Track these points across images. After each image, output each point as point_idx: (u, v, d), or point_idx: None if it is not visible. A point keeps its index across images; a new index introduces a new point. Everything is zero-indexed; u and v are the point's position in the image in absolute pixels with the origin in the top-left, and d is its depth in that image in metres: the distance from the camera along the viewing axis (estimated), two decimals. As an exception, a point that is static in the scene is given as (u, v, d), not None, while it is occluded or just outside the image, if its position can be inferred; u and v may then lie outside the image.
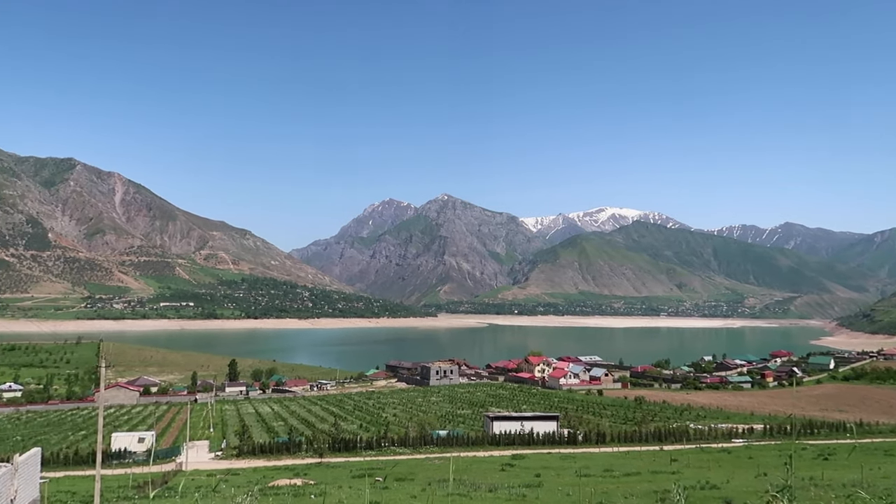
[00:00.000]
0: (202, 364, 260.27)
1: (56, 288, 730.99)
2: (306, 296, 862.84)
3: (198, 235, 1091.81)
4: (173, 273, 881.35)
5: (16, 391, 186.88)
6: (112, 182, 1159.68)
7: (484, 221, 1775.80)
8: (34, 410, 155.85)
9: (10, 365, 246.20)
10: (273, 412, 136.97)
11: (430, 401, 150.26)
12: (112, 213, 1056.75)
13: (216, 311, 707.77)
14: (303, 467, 68.74)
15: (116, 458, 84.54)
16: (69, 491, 54.29)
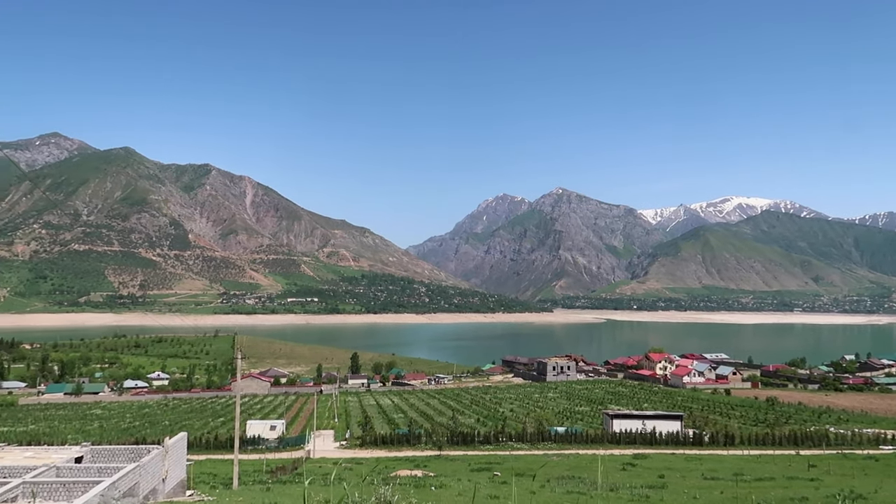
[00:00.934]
0: (326, 357, 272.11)
1: (196, 285, 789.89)
2: (423, 291, 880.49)
3: (321, 234, 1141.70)
4: (299, 270, 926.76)
5: (163, 379, 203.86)
6: (243, 185, 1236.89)
7: (600, 214, 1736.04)
8: (179, 398, 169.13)
9: (158, 356, 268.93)
10: (393, 404, 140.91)
11: (546, 397, 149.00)
12: (243, 215, 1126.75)
13: (338, 306, 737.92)
14: (422, 459, 70.31)
15: (251, 444, 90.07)
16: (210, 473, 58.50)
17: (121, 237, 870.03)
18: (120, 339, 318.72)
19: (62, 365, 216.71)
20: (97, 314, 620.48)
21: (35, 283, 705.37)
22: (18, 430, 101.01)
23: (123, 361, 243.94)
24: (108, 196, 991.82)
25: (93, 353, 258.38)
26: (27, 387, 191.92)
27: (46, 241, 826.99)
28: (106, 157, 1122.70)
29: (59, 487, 25.97)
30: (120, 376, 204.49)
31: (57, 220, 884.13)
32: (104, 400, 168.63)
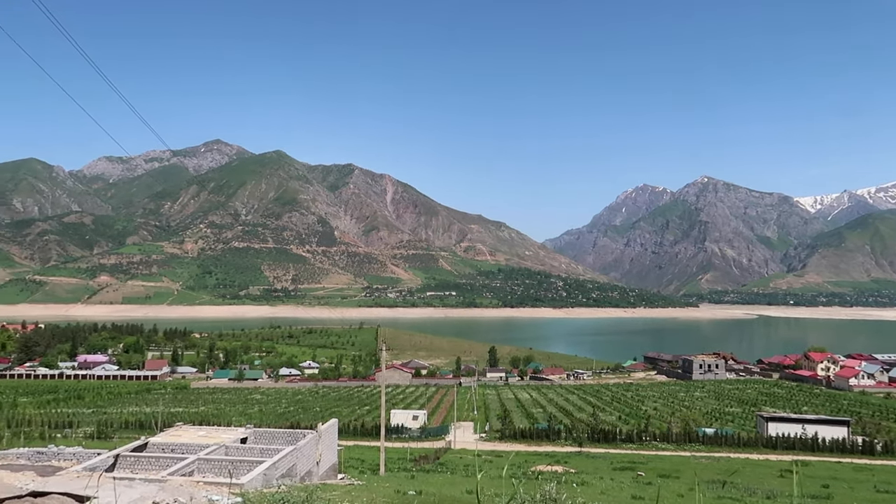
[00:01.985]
0: (464, 350, 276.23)
1: (342, 279, 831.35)
2: (560, 285, 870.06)
3: (458, 229, 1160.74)
4: (437, 265, 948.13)
5: (314, 368, 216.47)
6: (384, 183, 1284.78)
7: (751, 203, 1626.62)
8: (328, 386, 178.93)
9: (309, 346, 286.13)
10: (531, 399, 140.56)
11: (693, 396, 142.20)
12: (384, 212, 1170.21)
13: (475, 300, 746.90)
14: (562, 455, 69.64)
15: (395, 433, 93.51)
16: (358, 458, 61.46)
17: (274, 235, 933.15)
18: (275, 329, 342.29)
19: (226, 353, 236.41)
20: (255, 306, 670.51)
21: (202, 277, 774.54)
22: (191, 411, 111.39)
23: (279, 350, 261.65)
24: (263, 197, 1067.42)
25: (252, 343, 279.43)
26: (197, 372, 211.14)
27: (211, 239, 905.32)
28: (261, 160, 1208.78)
29: (227, 465, 28.41)
30: (276, 364, 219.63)
31: (220, 220, 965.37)
32: (262, 386, 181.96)
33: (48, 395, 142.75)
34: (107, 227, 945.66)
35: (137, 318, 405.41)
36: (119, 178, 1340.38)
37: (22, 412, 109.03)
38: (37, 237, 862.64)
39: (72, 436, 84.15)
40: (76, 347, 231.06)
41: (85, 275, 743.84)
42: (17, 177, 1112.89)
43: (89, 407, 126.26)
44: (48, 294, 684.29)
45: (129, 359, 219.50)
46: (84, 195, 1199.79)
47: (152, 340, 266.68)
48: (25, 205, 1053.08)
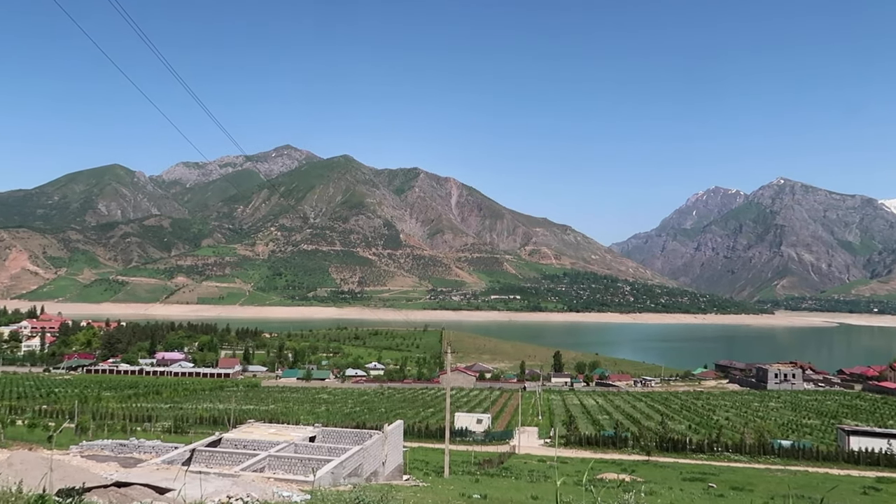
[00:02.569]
0: (529, 354, 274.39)
1: (406, 282, 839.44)
2: (627, 290, 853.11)
3: (522, 232, 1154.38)
4: (501, 268, 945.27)
5: (379, 370, 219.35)
6: (448, 186, 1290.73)
7: (831, 206, 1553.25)
8: (393, 387, 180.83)
9: (374, 347, 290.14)
10: (597, 405, 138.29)
11: (767, 406, 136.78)
12: (449, 215, 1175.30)
13: (540, 304, 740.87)
14: (629, 463, 68.24)
15: (458, 436, 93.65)
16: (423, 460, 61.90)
17: (342, 238, 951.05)
18: (342, 330, 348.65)
19: (295, 353, 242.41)
20: (322, 308, 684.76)
21: (273, 279, 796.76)
22: (262, 409, 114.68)
23: (345, 351, 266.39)
24: (331, 200, 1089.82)
25: (319, 343, 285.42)
26: (267, 371, 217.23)
27: (281, 241, 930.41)
28: (328, 164, 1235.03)
29: (296, 462, 29.15)
30: (342, 365, 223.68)
31: (289, 223, 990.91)
32: (329, 386, 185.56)
33: (129, 390, 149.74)
34: (183, 230, 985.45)
35: (211, 317, 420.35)
36: (195, 183, 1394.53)
37: (105, 406, 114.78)
38: (119, 239, 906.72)
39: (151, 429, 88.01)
40: (155, 345, 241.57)
41: (163, 275, 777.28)
42: (102, 182, 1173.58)
43: (166, 402, 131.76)
44: (129, 294, 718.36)
45: (203, 357, 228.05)
46: (163, 199, 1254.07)
47: (225, 340, 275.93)
48: (109, 209, 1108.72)
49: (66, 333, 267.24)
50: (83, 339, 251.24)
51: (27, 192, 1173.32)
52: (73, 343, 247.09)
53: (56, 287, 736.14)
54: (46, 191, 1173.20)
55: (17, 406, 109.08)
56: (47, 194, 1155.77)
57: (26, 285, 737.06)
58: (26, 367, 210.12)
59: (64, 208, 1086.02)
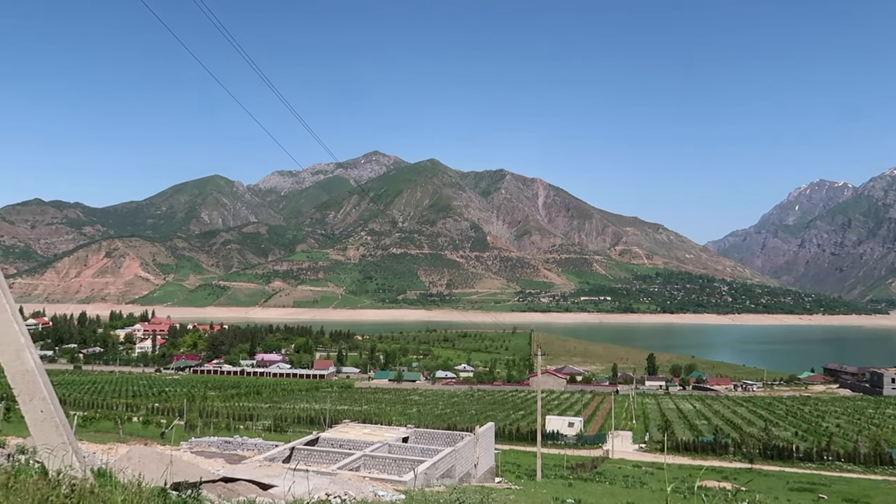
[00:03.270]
0: (621, 356, 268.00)
1: (494, 284, 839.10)
2: (724, 290, 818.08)
3: (612, 232, 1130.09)
4: (591, 269, 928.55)
5: (469, 371, 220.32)
6: (535, 187, 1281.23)
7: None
8: (482, 389, 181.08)
9: (463, 349, 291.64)
10: (695, 409, 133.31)
11: (884, 413, 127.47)
12: (536, 216, 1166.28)
13: (632, 305, 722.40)
14: (731, 471, 65.37)
15: (550, 439, 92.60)
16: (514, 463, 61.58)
17: (429, 241, 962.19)
18: (431, 333, 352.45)
19: (386, 355, 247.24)
20: (412, 310, 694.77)
21: (364, 282, 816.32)
22: (355, 409, 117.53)
23: (435, 353, 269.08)
24: (419, 204, 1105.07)
25: (409, 345, 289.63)
26: (360, 372, 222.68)
27: (371, 246, 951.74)
28: (416, 169, 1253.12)
29: (390, 462, 29.69)
30: (432, 367, 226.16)
31: (379, 228, 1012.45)
32: (420, 387, 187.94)
33: (232, 389, 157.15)
34: (279, 236, 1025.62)
35: (306, 320, 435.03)
36: (289, 191, 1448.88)
37: (211, 405, 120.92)
38: (221, 246, 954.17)
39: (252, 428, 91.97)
40: (254, 347, 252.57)
41: (261, 280, 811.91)
42: (205, 192, 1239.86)
43: (266, 402, 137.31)
44: (231, 298, 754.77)
45: (299, 358, 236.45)
46: (260, 207, 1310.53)
47: (319, 342, 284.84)
48: (211, 217, 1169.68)
49: (175, 336, 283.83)
50: (189, 341, 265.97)
51: (139, 204, 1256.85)
52: (181, 345, 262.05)
53: (165, 292, 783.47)
54: (155, 202, 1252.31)
55: (133, 404, 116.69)
56: (156, 205, 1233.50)
57: (139, 291, 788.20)
58: (140, 368, 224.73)
59: (171, 218, 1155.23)
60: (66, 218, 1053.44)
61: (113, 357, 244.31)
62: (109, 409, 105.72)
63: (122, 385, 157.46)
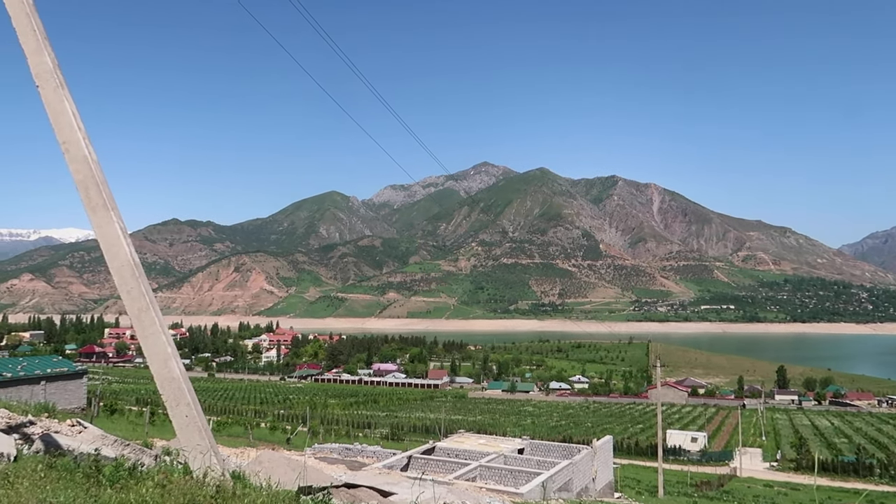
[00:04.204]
0: (746, 369, 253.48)
1: (608, 293, 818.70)
2: (864, 297, 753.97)
3: (734, 237, 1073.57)
4: (711, 276, 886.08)
5: (583, 383, 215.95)
6: (649, 193, 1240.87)
7: None
8: (598, 401, 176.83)
9: (577, 360, 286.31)
10: (833, 426, 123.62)
11: None
12: (651, 222, 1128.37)
13: (758, 314, 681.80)
14: (877, 495, 60.01)
15: (671, 454, 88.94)
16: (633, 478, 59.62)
17: (540, 250, 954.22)
18: (544, 343, 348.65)
19: (499, 365, 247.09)
20: (524, 320, 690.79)
21: (475, 293, 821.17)
22: (470, 420, 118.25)
23: (548, 364, 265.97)
24: (529, 213, 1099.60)
25: (522, 356, 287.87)
26: (473, 382, 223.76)
27: (482, 256, 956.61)
28: (525, 178, 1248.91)
29: (506, 474, 29.60)
30: (546, 377, 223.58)
31: (489, 238, 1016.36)
32: (533, 398, 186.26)
33: (350, 398, 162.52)
34: (393, 249, 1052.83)
35: (419, 330, 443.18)
36: (402, 204, 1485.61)
37: (331, 412, 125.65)
38: (338, 259, 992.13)
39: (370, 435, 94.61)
40: (371, 357, 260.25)
41: (376, 292, 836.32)
42: (323, 208, 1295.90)
43: (383, 410, 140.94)
44: (348, 309, 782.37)
45: (413, 368, 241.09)
46: (374, 221, 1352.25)
47: (433, 352, 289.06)
48: (329, 232, 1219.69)
49: (297, 346, 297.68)
50: (311, 350, 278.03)
51: (263, 221, 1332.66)
52: (303, 354, 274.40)
53: (287, 304, 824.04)
54: (277, 218, 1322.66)
55: (261, 410, 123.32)
56: (278, 221, 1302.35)
57: (264, 303, 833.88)
58: (266, 376, 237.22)
59: (292, 233, 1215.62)
60: (200, 236, 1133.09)
61: (242, 365, 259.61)
62: (239, 414, 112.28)
63: (250, 392, 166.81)
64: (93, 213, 9.70)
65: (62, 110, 9.79)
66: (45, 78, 9.85)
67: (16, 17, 9.94)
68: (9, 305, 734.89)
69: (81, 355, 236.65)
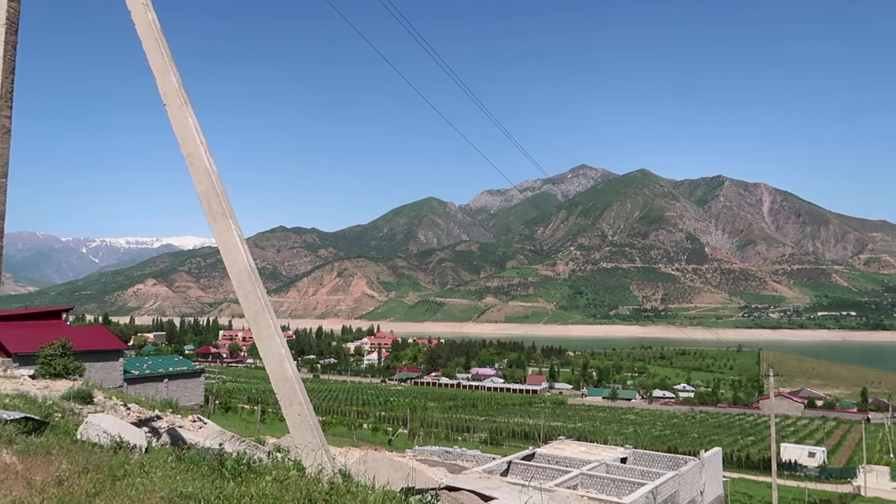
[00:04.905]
0: (871, 380, 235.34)
1: (714, 298, 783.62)
2: None
3: (854, 238, 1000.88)
4: (829, 280, 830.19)
5: (689, 392, 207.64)
6: (759, 193, 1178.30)
7: None
8: (705, 411, 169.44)
9: (682, 367, 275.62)
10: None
11: None
12: (761, 224, 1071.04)
13: (883, 321, 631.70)
14: None
15: (786, 469, 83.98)
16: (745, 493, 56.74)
17: (641, 254, 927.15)
18: (646, 349, 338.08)
19: (599, 371, 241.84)
20: (624, 326, 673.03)
21: (574, 298, 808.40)
22: (569, 426, 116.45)
23: (650, 371, 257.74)
24: (629, 216, 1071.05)
25: (623, 363, 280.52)
26: (572, 389, 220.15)
27: (581, 260, 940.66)
28: (625, 180, 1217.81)
29: (608, 483, 28.93)
30: (648, 385, 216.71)
31: (588, 242, 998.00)
32: (635, 406, 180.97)
33: (449, 401, 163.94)
34: (490, 254, 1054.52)
35: (517, 335, 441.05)
36: (498, 209, 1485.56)
37: (430, 415, 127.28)
38: (436, 264, 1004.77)
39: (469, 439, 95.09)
40: (469, 361, 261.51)
41: (473, 296, 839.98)
42: (421, 214, 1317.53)
43: (481, 415, 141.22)
44: (446, 313, 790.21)
45: (512, 373, 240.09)
46: (471, 226, 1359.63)
47: (531, 357, 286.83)
48: (427, 237, 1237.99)
49: (397, 349, 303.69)
50: (410, 354, 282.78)
51: (363, 227, 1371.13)
52: (402, 358, 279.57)
53: (387, 308, 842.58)
54: (377, 225, 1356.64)
55: (363, 411, 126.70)
56: (378, 228, 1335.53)
57: (365, 307, 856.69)
58: (367, 378, 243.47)
59: (391, 239, 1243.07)
60: (305, 242, 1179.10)
61: (345, 367, 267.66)
62: (343, 415, 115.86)
63: (353, 394, 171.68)
64: (213, 222, 10.35)
65: (186, 126, 10.51)
66: (171, 97, 10.61)
67: (146, 41, 10.78)
68: (136, 308, 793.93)
69: (198, 355, 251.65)
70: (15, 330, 50.36)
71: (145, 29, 10.75)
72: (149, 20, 10.71)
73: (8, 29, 9.90)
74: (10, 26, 9.95)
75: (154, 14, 10.79)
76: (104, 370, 54.73)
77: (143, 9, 10.77)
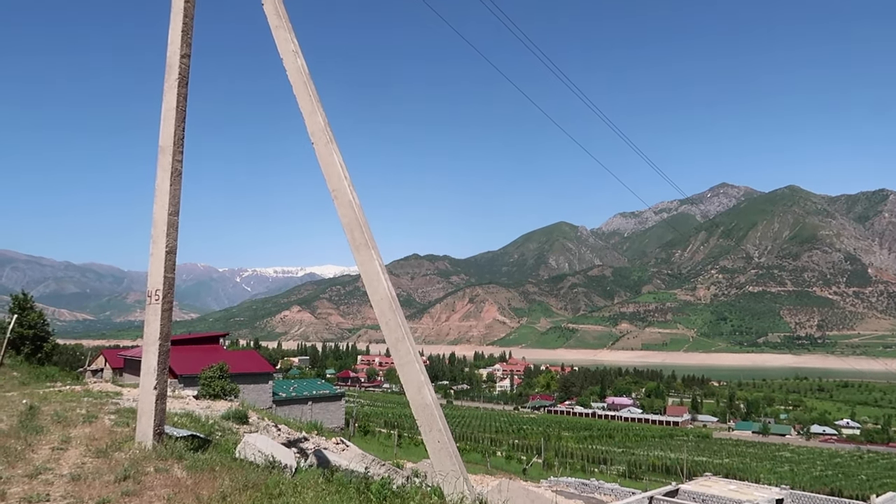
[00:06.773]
0: None
1: (881, 324, 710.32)
2: None
3: None
4: None
5: (853, 428, 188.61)
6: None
7: None
8: (874, 450, 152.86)
9: (844, 401, 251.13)
10: None
11: None
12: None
13: None
14: None
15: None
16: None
17: (792, 276, 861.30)
18: (801, 381, 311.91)
19: (747, 403, 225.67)
20: (775, 354, 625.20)
21: (716, 324, 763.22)
22: (715, 462, 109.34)
23: (807, 405, 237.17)
24: (777, 236, 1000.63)
25: (775, 394, 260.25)
26: (717, 421, 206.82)
27: (723, 284, 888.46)
28: (770, 198, 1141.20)
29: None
30: (805, 420, 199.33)
31: (731, 265, 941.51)
32: (790, 443, 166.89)
33: (584, 431, 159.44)
34: (624, 278, 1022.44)
35: (655, 363, 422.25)
36: (632, 232, 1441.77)
37: (565, 444, 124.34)
38: (568, 290, 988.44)
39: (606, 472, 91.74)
40: (604, 389, 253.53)
41: (607, 322, 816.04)
42: (551, 239, 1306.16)
43: (618, 446, 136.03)
44: (579, 340, 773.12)
45: (650, 403, 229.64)
46: (603, 250, 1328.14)
47: (671, 386, 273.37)
48: (558, 262, 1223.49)
49: (529, 376, 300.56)
50: (543, 381, 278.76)
51: (494, 254, 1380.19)
52: (535, 385, 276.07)
53: (519, 334, 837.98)
54: (508, 251, 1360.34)
55: (496, 438, 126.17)
56: (509, 254, 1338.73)
57: (497, 333, 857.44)
58: (500, 405, 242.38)
59: (522, 265, 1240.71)
60: (437, 269, 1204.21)
61: (477, 394, 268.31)
62: (476, 441, 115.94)
63: (486, 420, 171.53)
64: (357, 252, 10.86)
65: (332, 162, 11.17)
66: (318, 135, 11.34)
67: (296, 85, 11.62)
68: (282, 333, 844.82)
69: (338, 379, 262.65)
70: (180, 353, 55.19)
71: (295, 74, 11.60)
72: (298, 66, 11.55)
73: (180, 83, 11.05)
74: (182, 80, 11.11)
75: (303, 60, 11.63)
76: (256, 392, 58.52)
77: (294, 56, 11.64)
